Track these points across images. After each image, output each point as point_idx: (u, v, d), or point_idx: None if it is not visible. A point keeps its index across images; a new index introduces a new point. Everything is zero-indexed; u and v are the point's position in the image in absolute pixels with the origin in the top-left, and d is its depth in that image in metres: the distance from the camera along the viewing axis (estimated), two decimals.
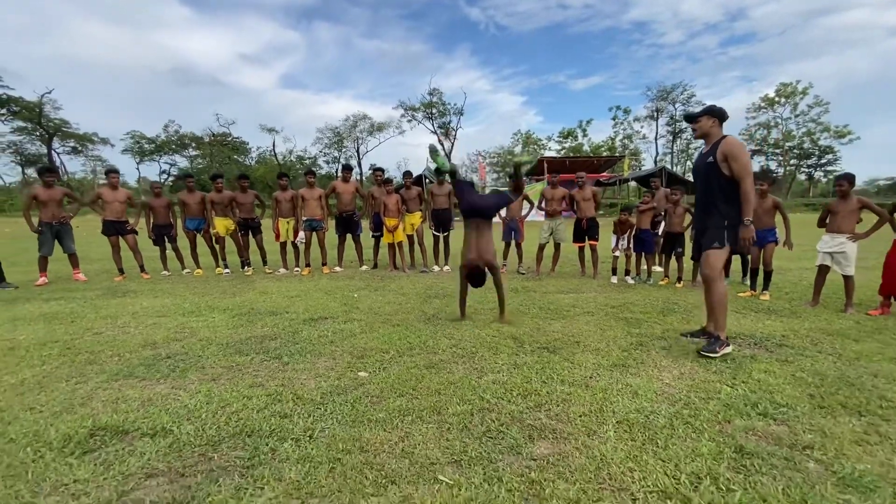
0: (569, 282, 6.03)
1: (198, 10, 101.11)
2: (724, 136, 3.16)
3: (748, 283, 5.27)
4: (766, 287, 5.05)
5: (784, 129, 54.97)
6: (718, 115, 3.23)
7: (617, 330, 3.69)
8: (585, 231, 6.34)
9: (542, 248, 6.54)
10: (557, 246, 6.59)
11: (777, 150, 56.53)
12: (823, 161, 55.95)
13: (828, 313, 4.27)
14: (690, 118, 3.32)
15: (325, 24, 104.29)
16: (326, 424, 2.14)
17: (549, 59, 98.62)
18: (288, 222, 6.82)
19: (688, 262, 5.73)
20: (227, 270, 6.96)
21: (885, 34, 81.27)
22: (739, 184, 3.03)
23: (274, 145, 58.39)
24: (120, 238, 6.48)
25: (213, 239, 6.86)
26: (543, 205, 6.57)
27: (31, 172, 51.26)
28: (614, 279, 5.97)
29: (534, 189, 13.96)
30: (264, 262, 7.21)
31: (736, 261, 5.93)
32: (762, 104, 55.23)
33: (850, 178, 4.27)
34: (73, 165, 51.92)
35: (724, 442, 1.97)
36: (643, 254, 6.10)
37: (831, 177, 58.60)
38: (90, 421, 2.16)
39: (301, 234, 6.74)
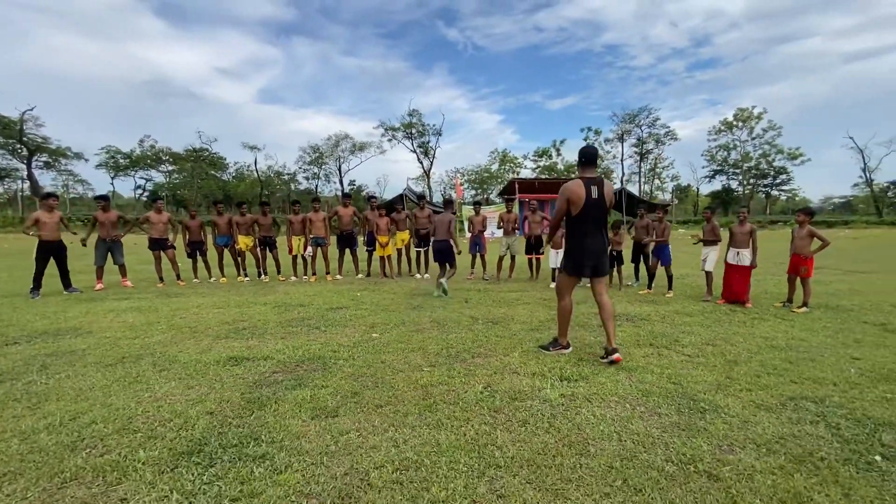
0: (519, 284, 7.85)
1: (174, 24, 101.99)
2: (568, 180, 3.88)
3: (647, 284, 7.17)
4: (669, 287, 6.89)
5: (742, 150, 59.30)
6: (581, 159, 3.72)
7: (541, 313, 5.48)
8: (534, 246, 8.19)
9: (500, 259, 8.35)
10: (513, 257, 8.41)
11: (737, 171, 60.82)
12: (778, 181, 60.46)
13: (689, 302, 6.17)
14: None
15: (303, 40, 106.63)
16: (360, 354, 3.82)
17: (526, 79, 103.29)
18: (299, 239, 8.47)
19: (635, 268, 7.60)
20: (247, 278, 8.52)
21: (839, 61, 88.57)
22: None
23: (255, 162, 59.40)
24: (162, 252, 8.00)
25: (237, 253, 8.45)
26: (501, 224, 8.41)
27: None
28: (552, 285, 7.73)
29: (498, 210, 15.90)
30: (279, 272, 8.81)
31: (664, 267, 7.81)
32: (722, 127, 59.62)
33: (808, 212, 5.90)
34: (45, 180, 51.55)
35: (574, 356, 3.74)
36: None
37: (787, 195, 63.34)
38: (224, 354, 3.79)
39: (309, 248, 8.39)
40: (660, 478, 2.03)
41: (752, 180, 60.54)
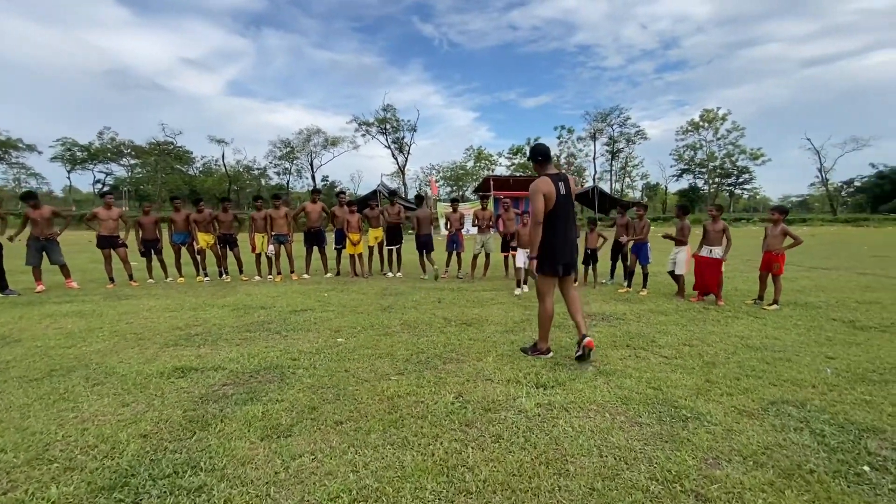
0: (494, 283, 7.68)
1: (137, 12, 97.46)
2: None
3: (626, 282, 7.11)
4: (644, 285, 6.84)
5: (708, 150, 61.23)
6: (531, 155, 3.74)
7: (515, 312, 5.31)
8: (510, 244, 8.02)
9: (475, 257, 8.15)
10: (487, 255, 8.23)
11: (703, 170, 62.81)
12: (741, 180, 62.78)
13: (663, 300, 6.13)
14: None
15: (274, 31, 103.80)
16: (322, 362, 3.53)
17: (501, 77, 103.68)
18: (262, 237, 8.03)
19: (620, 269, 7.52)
20: (207, 278, 8.02)
21: (798, 66, 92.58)
22: None
23: (223, 156, 57.42)
24: (112, 251, 7.42)
25: (196, 251, 7.94)
26: (476, 222, 8.21)
27: None
28: (518, 291, 6.92)
29: (473, 207, 15.76)
30: (241, 271, 8.34)
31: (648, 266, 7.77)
32: (689, 128, 61.39)
33: (782, 210, 5.82)
34: None
35: (550, 360, 3.56)
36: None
37: (749, 194, 65.93)
38: (170, 364, 3.43)
39: (270, 246, 7.97)
40: (645, 500, 1.85)
41: (716, 179, 62.62)
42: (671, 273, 6.50)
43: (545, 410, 2.69)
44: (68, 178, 55.42)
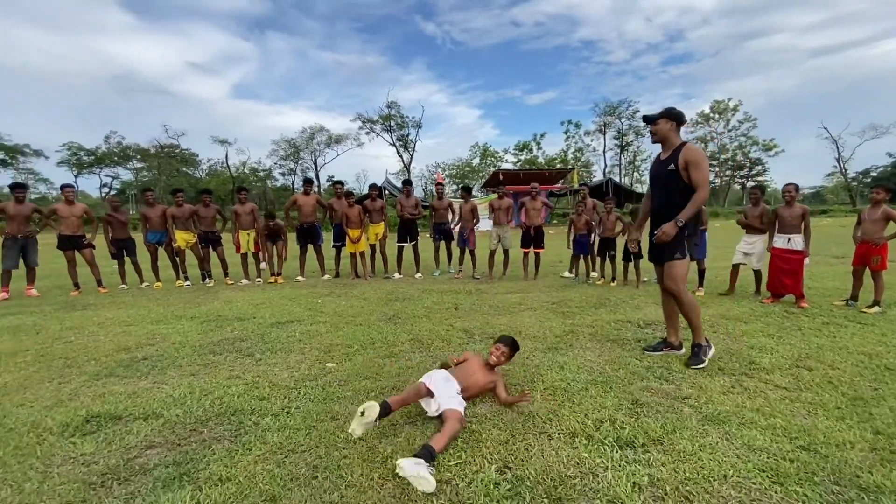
0: (517, 284, 6.60)
1: (142, 17, 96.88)
2: (685, 143, 3.01)
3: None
4: (700, 284, 5.75)
5: (719, 142, 59.55)
6: (676, 118, 3.07)
7: (554, 321, 4.24)
8: (533, 238, 6.93)
9: (492, 253, 7.07)
10: (506, 252, 7.15)
11: (714, 163, 61.09)
12: (754, 172, 60.95)
13: (729, 302, 5.03)
14: (649, 120, 3.14)
15: (278, 34, 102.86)
16: (301, 403, 2.49)
17: (505, 74, 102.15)
18: (248, 234, 7.01)
19: (620, 265, 6.44)
20: (187, 283, 7.02)
21: (805, 56, 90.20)
22: (696, 191, 2.92)
23: (227, 157, 56.69)
24: (76, 253, 6.44)
25: (174, 252, 6.94)
26: (492, 213, 7.14)
27: None
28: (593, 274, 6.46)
29: (484, 201, 14.66)
30: (226, 274, 7.33)
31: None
32: (699, 119, 59.68)
33: (888, 188, 4.70)
34: (3, 179, 48.31)
35: (624, 397, 2.50)
36: (581, 255, 6.79)
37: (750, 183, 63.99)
38: (83, 411, 2.41)
39: (263, 263, 7.13)
40: None
41: (728, 171, 60.91)
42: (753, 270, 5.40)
43: (652, 500, 1.63)
44: (75, 182, 54.96)
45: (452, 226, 7.51)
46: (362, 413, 1.99)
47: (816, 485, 1.70)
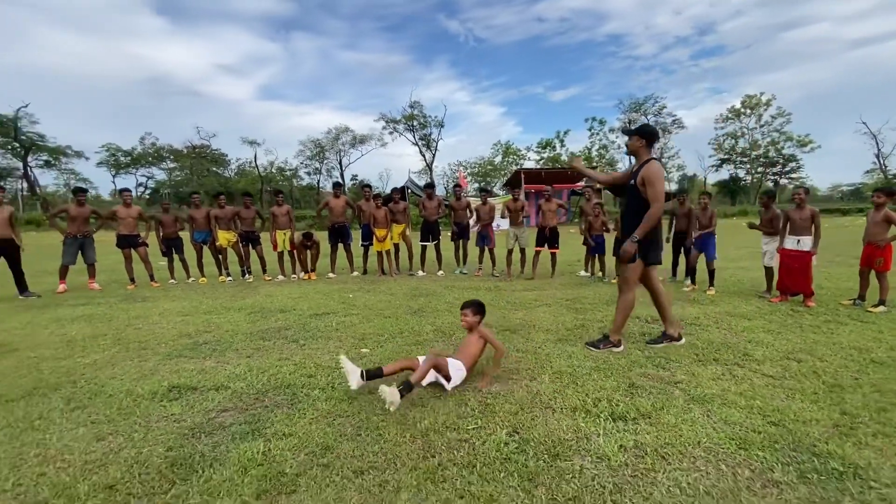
0: (534, 282, 6.94)
1: (174, 21, 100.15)
2: (650, 160, 3.30)
3: (689, 280, 6.24)
4: (711, 283, 5.97)
5: (750, 138, 57.79)
6: (648, 136, 3.38)
7: (567, 316, 4.58)
8: (547, 238, 7.25)
9: (510, 252, 7.42)
10: (522, 251, 7.49)
11: (745, 159, 59.36)
12: (787, 169, 58.90)
13: (737, 300, 5.25)
14: (625, 133, 3.50)
15: (303, 35, 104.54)
16: (343, 380, 2.91)
17: (528, 70, 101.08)
18: (285, 233, 7.58)
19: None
20: (229, 278, 7.64)
21: (845, 47, 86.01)
22: (650, 207, 3.22)
23: (255, 157, 58.50)
24: (132, 250, 7.13)
25: (217, 250, 7.57)
26: (506, 214, 7.52)
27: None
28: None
29: (500, 201, 15.00)
30: (264, 270, 7.92)
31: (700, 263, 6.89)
32: (729, 115, 58.07)
33: (889, 192, 4.87)
34: (46, 179, 51.24)
35: (622, 379, 2.85)
36: (597, 255, 7.07)
37: (796, 184, 61.65)
38: (165, 382, 2.91)
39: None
40: None
41: (760, 168, 59.08)
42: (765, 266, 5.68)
43: (634, 458, 1.99)
44: (113, 182, 57.67)
45: (472, 225, 7.91)
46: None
47: (776, 451, 2.02)
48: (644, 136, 3.38)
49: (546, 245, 7.30)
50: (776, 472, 1.87)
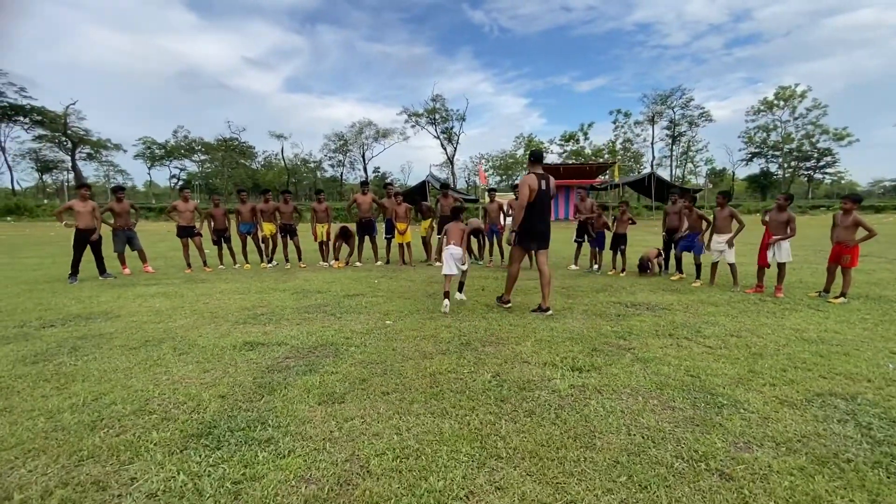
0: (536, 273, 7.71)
1: (204, 16, 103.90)
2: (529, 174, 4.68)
3: (676, 270, 6.93)
4: (697, 276, 6.64)
5: (783, 131, 56.11)
6: (530, 156, 4.86)
7: (558, 301, 5.38)
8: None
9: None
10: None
11: (777, 153, 57.72)
12: (822, 164, 57.00)
13: (716, 291, 5.92)
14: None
15: (328, 27, 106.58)
16: (372, 341, 3.84)
17: (553, 61, 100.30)
18: (323, 227, 8.60)
19: (633, 258, 7.40)
20: (271, 265, 8.71)
21: (892, 33, 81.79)
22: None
23: (283, 151, 60.49)
24: (189, 239, 8.26)
25: (261, 239, 8.64)
26: (510, 211, 8.30)
27: (48, 178, 53.89)
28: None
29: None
30: (300, 259, 8.95)
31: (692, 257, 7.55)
32: (761, 107, 56.47)
33: (855, 199, 5.41)
34: (87, 171, 54.41)
35: (588, 346, 3.66)
36: (598, 249, 7.81)
37: (832, 179, 59.35)
38: (241, 339, 3.88)
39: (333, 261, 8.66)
40: (668, 474, 1.96)
41: (792, 163, 57.38)
42: (714, 264, 6.32)
43: (578, 391, 2.81)
44: (148, 174, 60.89)
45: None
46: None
47: (683, 391, 2.81)
48: (529, 157, 4.89)
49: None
50: (676, 402, 2.66)
